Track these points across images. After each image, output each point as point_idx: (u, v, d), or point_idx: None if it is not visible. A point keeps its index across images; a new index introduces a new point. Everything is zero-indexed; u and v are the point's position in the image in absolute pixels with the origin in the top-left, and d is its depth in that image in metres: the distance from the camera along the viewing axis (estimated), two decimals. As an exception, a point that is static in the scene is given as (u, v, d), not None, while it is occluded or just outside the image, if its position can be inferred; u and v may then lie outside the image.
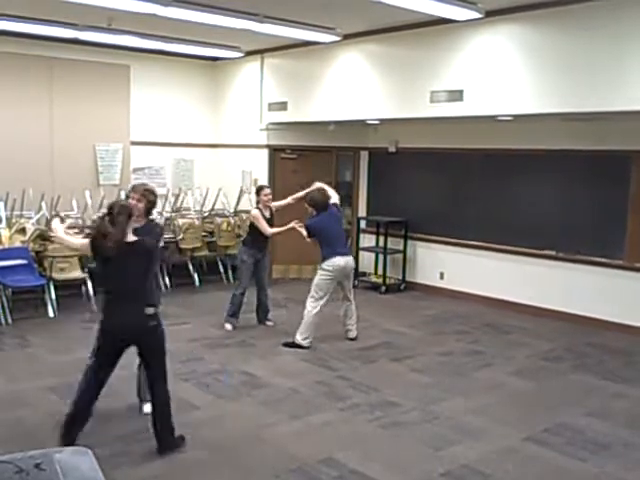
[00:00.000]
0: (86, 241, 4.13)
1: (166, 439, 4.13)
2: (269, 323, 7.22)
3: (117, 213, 3.90)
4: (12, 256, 7.14)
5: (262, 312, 7.24)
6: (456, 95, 7.09)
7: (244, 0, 6.50)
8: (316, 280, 6.49)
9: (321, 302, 6.41)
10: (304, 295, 6.60)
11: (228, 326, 6.99)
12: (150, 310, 4.02)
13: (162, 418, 4.12)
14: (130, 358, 6.00)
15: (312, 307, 6.42)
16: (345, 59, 8.28)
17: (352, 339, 6.69)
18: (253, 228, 6.95)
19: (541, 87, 6.48)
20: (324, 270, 6.42)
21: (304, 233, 6.45)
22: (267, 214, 6.98)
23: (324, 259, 6.44)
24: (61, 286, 7.59)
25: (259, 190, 7.14)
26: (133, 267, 3.98)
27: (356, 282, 9.41)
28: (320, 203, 6.52)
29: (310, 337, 6.39)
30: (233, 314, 7.02)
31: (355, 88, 8.17)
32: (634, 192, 7.17)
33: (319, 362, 6.01)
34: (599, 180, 7.44)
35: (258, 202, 7.07)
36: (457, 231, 8.77)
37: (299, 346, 6.35)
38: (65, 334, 6.73)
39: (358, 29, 7.78)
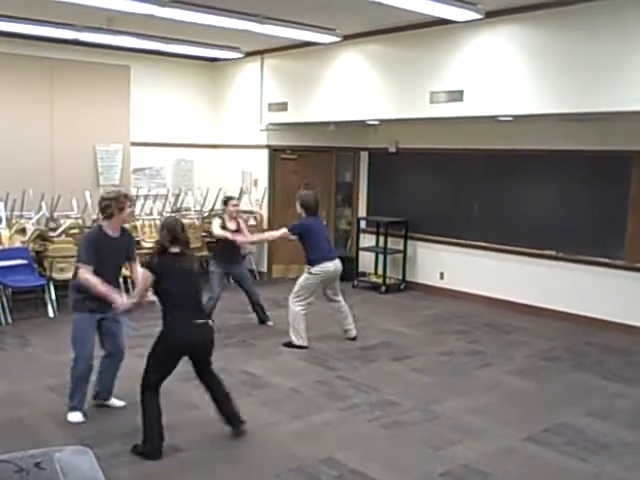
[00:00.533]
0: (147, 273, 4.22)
1: (238, 419, 4.36)
2: (269, 323, 7.21)
3: (182, 230, 4.24)
4: (12, 256, 7.15)
5: (261, 313, 7.24)
6: (456, 95, 7.09)
7: (244, 1, 6.50)
8: (303, 282, 6.44)
9: (307, 302, 6.41)
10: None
11: None
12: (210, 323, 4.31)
13: (228, 402, 4.35)
14: (130, 358, 6.00)
15: (300, 308, 6.39)
16: (345, 60, 8.29)
17: (352, 339, 6.68)
18: (219, 240, 6.92)
19: (541, 87, 6.48)
20: (313, 274, 6.38)
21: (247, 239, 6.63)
22: (232, 226, 6.94)
23: (313, 263, 6.38)
24: (61, 286, 7.58)
25: (227, 201, 7.14)
26: (194, 280, 4.30)
27: (356, 282, 9.43)
28: (312, 206, 6.48)
29: (304, 335, 6.39)
30: None
31: (355, 89, 8.17)
32: (634, 192, 7.17)
33: (319, 362, 6.01)
34: (599, 180, 7.44)
35: (224, 212, 7.08)
36: (457, 231, 8.78)
37: (299, 346, 6.35)
38: (65, 334, 6.63)
39: (358, 30, 7.79)
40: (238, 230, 6.99)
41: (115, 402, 4.91)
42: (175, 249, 4.19)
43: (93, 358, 4.63)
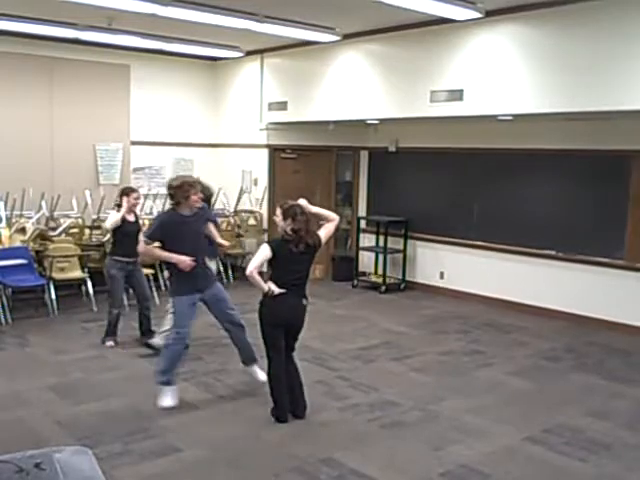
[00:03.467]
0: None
1: (303, 400, 4.68)
2: (153, 341, 6.24)
3: (301, 213, 4.47)
4: (12, 256, 7.14)
5: (144, 328, 6.48)
6: (456, 95, 7.09)
7: (244, 0, 6.50)
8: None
9: None
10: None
11: (110, 343, 6.39)
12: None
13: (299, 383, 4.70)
14: (130, 359, 6.00)
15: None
16: (345, 59, 8.28)
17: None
18: (114, 233, 6.33)
19: (541, 87, 6.48)
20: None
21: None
22: (131, 218, 6.35)
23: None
24: (61, 286, 7.60)
25: (129, 192, 6.37)
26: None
27: (356, 282, 9.43)
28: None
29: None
30: (111, 334, 6.43)
31: (355, 88, 8.17)
32: (634, 192, 7.17)
33: (319, 362, 6.01)
34: (599, 180, 7.44)
35: (119, 205, 6.31)
36: (457, 231, 8.77)
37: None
38: (65, 334, 6.73)
39: (358, 29, 7.78)
40: (137, 222, 6.40)
41: (258, 373, 5.18)
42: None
43: (188, 338, 5.02)
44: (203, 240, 5.09)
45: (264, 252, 4.47)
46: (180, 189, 4.78)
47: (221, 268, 9.32)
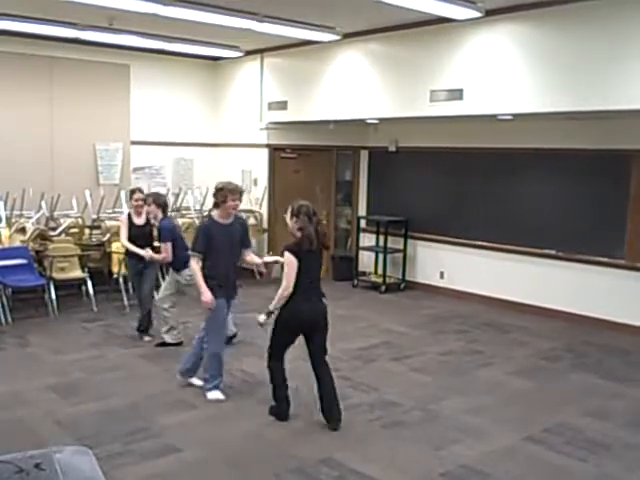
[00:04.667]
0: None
1: (338, 411, 4.56)
2: (146, 338, 6.55)
3: (313, 214, 4.51)
4: (12, 256, 7.14)
5: (142, 327, 6.64)
6: (456, 94, 7.09)
7: (244, 0, 6.50)
8: (169, 285, 6.24)
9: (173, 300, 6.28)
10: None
11: (147, 338, 6.56)
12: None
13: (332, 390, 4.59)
14: (130, 359, 6.00)
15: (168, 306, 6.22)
16: (345, 58, 8.28)
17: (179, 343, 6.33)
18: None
19: (541, 86, 6.47)
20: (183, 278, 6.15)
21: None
22: (139, 221, 6.53)
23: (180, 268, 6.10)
24: (61, 286, 7.59)
25: (131, 194, 6.69)
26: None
27: (356, 281, 9.43)
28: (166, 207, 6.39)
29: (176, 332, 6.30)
30: (144, 330, 6.62)
31: (355, 87, 8.17)
32: (634, 191, 7.17)
33: (319, 362, 6.00)
34: (599, 179, 7.44)
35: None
36: (457, 230, 8.77)
37: (174, 344, 6.23)
38: (65, 334, 6.73)
39: (358, 28, 7.78)
40: (147, 225, 6.55)
41: (195, 383, 5.28)
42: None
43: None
44: (238, 249, 5.17)
45: (293, 262, 4.47)
46: (220, 192, 4.94)
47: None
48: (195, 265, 4.93)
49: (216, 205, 5.03)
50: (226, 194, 4.93)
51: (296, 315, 4.51)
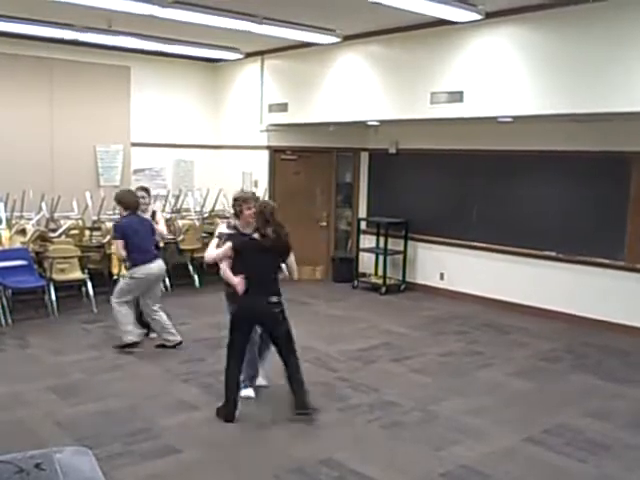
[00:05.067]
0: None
1: (302, 398, 4.66)
2: (153, 335, 6.56)
3: (271, 213, 4.63)
4: (12, 257, 7.14)
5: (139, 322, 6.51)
6: (456, 96, 7.10)
7: (244, 1, 6.50)
8: (124, 286, 6.16)
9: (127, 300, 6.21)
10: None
11: (153, 335, 6.52)
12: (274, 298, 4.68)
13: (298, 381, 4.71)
14: (130, 359, 6.01)
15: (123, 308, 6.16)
16: (345, 60, 8.29)
17: (179, 343, 6.30)
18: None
19: (541, 88, 6.48)
20: (135, 278, 6.11)
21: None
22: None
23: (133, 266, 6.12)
24: (61, 287, 7.59)
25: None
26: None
27: (356, 283, 9.44)
28: (130, 204, 6.18)
29: (134, 331, 6.18)
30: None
31: (355, 89, 8.18)
32: (634, 193, 7.17)
33: (319, 363, 6.01)
34: (599, 181, 7.44)
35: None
36: (457, 232, 8.78)
37: (130, 344, 6.12)
38: (65, 335, 6.74)
39: (358, 30, 7.79)
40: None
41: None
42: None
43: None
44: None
45: (227, 249, 4.79)
46: (236, 203, 5.04)
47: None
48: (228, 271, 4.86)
49: (236, 216, 5.11)
50: (241, 204, 5.00)
51: (240, 309, 4.68)
